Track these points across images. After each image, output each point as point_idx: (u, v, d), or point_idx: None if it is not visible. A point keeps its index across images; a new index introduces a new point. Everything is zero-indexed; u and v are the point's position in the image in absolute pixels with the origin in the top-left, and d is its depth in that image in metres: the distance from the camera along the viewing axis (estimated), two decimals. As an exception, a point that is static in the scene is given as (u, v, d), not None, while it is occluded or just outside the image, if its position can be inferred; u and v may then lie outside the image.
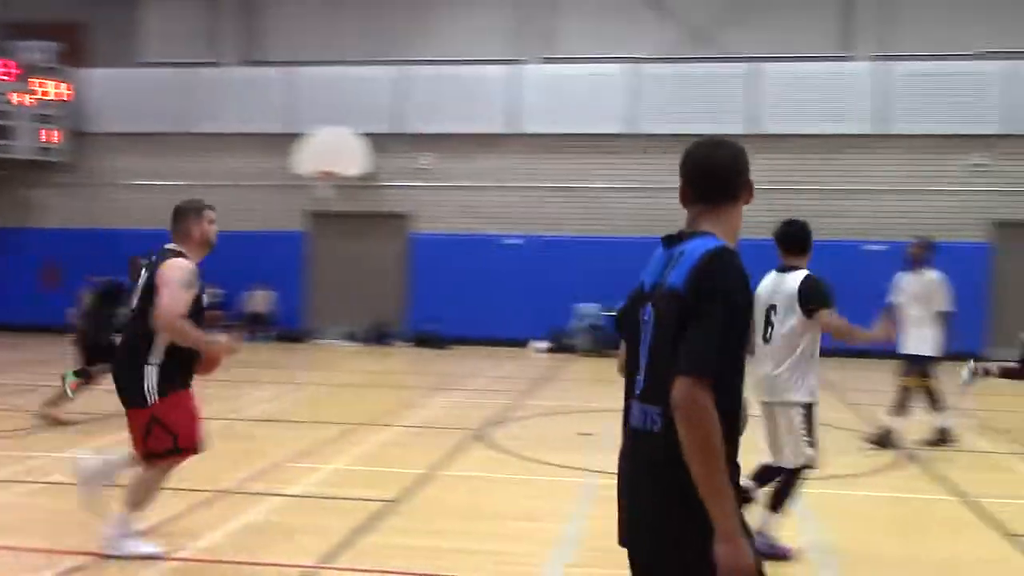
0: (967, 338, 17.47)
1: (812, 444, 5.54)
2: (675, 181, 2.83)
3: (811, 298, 5.50)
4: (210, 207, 5.65)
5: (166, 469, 5.43)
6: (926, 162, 18.51)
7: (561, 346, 18.41)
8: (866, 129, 18.50)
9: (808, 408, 5.54)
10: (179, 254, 5.44)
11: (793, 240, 5.75)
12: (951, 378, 9.20)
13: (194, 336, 5.28)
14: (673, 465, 2.51)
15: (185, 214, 5.58)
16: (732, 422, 2.60)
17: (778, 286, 5.64)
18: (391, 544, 5.74)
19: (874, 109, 18.42)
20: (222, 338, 5.69)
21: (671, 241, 2.76)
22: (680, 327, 2.55)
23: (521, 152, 19.53)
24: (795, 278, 5.60)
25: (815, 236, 5.79)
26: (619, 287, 4.05)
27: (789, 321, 5.53)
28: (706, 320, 2.52)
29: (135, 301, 5.47)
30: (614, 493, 2.77)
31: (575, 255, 18.87)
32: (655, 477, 2.62)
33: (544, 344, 18.64)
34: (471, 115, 19.35)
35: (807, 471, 5.62)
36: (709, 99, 18.47)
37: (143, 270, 5.51)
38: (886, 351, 8.96)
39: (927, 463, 8.50)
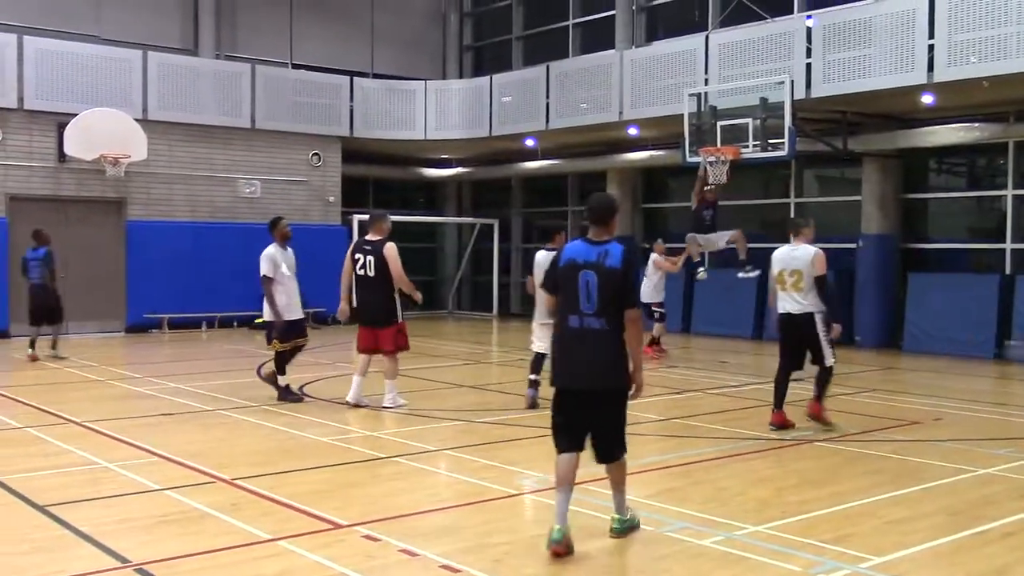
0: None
1: None
2: None
3: None
4: (385, 212, 10.72)
5: (398, 358, 10.21)
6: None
7: None
8: None
9: None
10: (383, 242, 9.98)
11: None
12: None
13: (408, 283, 10.04)
14: (613, 343, 5.50)
15: (382, 217, 10.26)
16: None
17: None
18: None
19: None
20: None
21: (593, 243, 5.59)
22: (622, 284, 5.45)
23: None
24: None
25: None
26: None
27: None
28: (634, 282, 5.59)
29: (372, 271, 9.90)
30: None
31: None
32: (606, 348, 5.49)
33: None
34: None
35: None
36: None
37: (361, 253, 10.00)
38: None
39: None
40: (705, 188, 14.43)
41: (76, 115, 17.77)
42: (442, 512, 6.48)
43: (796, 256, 9.07)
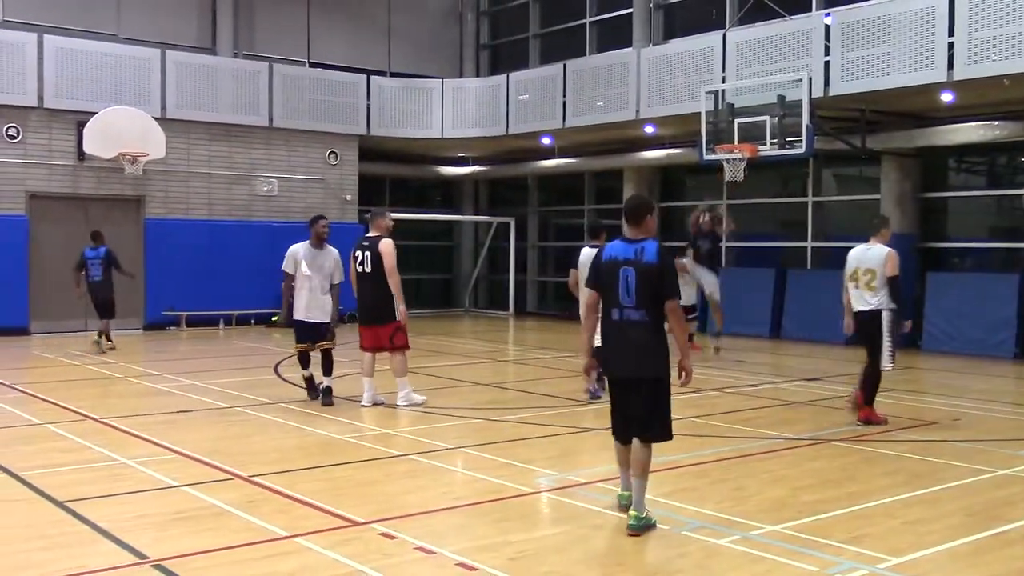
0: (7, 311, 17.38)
1: None
2: None
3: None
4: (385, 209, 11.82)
5: (406, 356, 10.19)
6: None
7: None
8: None
9: None
10: (380, 238, 9.97)
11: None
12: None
13: (399, 287, 9.96)
14: (652, 333, 5.92)
15: (381, 214, 10.28)
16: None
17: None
18: None
19: None
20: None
21: (630, 241, 6.01)
22: (658, 279, 5.86)
23: None
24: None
25: None
26: None
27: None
28: (671, 275, 5.96)
29: (370, 267, 9.92)
30: None
31: None
32: (646, 338, 5.91)
33: None
34: None
35: None
36: None
37: (360, 250, 10.04)
38: None
39: None
40: (700, 220, 14.67)
41: (95, 113, 17.87)
42: (458, 510, 6.49)
43: (870, 256, 9.50)
